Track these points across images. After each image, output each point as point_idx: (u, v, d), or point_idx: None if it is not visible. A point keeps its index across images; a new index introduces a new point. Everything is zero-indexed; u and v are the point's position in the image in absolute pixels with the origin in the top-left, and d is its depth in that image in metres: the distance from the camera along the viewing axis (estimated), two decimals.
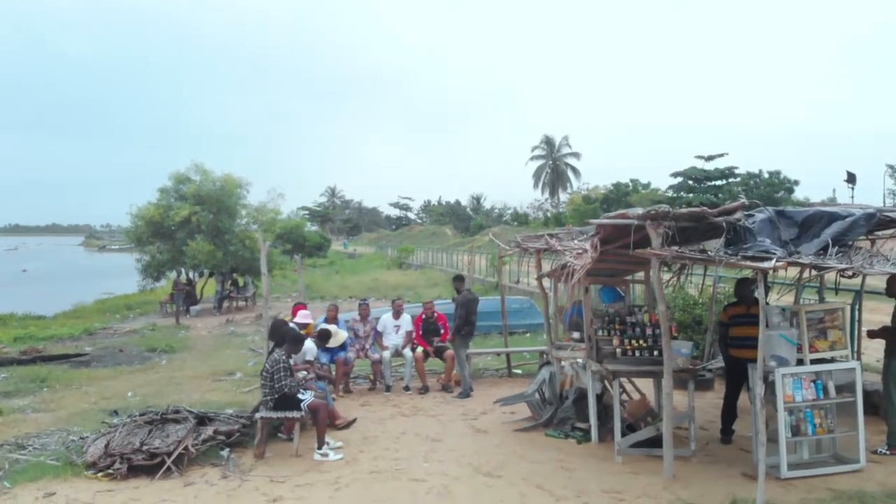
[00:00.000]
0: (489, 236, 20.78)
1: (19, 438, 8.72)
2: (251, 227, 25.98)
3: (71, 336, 19.96)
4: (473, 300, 10.83)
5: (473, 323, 10.77)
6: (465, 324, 10.66)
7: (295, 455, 7.87)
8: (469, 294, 10.91)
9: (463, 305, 10.65)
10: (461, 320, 10.62)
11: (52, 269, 60.88)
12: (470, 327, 10.73)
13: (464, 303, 10.66)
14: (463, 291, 10.91)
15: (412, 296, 27.16)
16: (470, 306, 10.68)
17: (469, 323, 10.68)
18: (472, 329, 10.80)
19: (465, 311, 10.60)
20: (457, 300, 10.88)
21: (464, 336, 10.64)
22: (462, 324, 10.62)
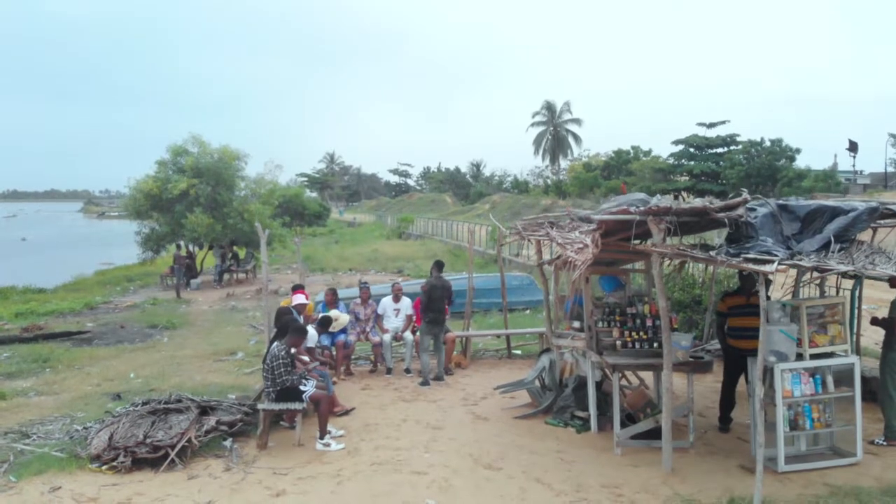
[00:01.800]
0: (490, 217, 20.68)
1: (23, 425, 8.79)
2: (250, 199, 25.85)
3: (72, 311, 20.00)
4: (437, 286, 10.61)
5: (435, 310, 10.53)
6: (426, 310, 10.58)
7: (297, 445, 7.94)
8: (435, 280, 10.73)
9: (425, 291, 10.61)
10: (422, 306, 10.62)
11: (52, 236, 60.78)
12: (432, 314, 10.53)
13: (426, 289, 10.61)
14: (432, 277, 10.83)
15: (412, 268, 27.23)
16: (433, 293, 10.51)
17: (429, 310, 10.52)
18: (433, 316, 10.54)
19: (427, 298, 10.55)
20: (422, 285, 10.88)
21: (428, 322, 10.54)
22: (423, 310, 10.61)
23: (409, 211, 79.79)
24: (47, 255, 41.69)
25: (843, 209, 6.83)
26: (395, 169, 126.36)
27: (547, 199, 60.96)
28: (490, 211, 64.34)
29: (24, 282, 25.40)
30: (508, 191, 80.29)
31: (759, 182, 48.84)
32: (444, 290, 10.67)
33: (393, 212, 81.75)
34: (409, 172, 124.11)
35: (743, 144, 52.40)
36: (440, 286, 10.63)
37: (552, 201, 59.37)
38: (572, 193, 61.40)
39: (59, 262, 36.47)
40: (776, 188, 47.29)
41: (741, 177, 48.66)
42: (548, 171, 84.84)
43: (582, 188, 61.48)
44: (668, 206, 6.71)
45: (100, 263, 34.93)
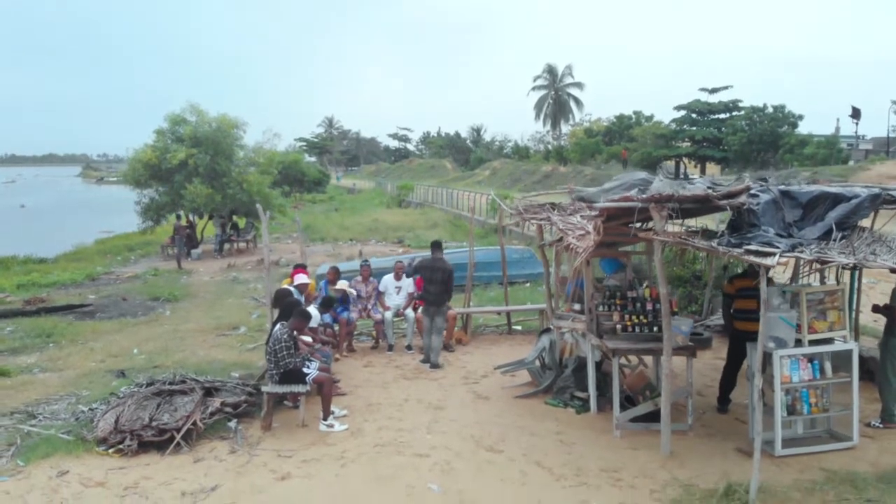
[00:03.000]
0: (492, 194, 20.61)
1: (29, 405, 8.90)
2: (249, 168, 25.75)
3: (73, 282, 20.07)
4: (437, 269, 10.35)
5: (432, 292, 10.34)
6: (423, 291, 10.52)
7: (301, 425, 8.03)
8: (434, 262, 10.46)
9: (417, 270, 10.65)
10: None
11: (51, 203, 60.65)
12: (427, 295, 10.41)
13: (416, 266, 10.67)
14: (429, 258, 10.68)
15: (412, 238, 27.24)
16: (431, 275, 10.33)
17: (425, 290, 10.42)
18: (429, 298, 10.39)
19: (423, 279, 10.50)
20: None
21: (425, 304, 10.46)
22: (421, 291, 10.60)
23: (409, 177, 79.49)
24: (47, 223, 41.64)
25: (846, 196, 6.82)
26: (394, 133, 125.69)
27: (548, 166, 60.73)
28: (490, 177, 64.27)
29: (24, 251, 25.44)
30: (509, 156, 79.80)
31: (760, 149, 48.59)
32: (444, 273, 10.30)
33: (392, 178, 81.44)
34: (408, 137, 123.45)
35: (745, 110, 51.99)
36: (440, 268, 10.33)
37: (553, 168, 59.17)
38: (573, 160, 61.11)
39: (59, 230, 36.48)
40: (778, 155, 47.06)
41: (743, 143, 48.40)
42: (549, 136, 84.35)
43: (583, 154, 61.16)
44: (671, 193, 6.69)
45: (100, 232, 34.96)
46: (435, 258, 10.56)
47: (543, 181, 55.65)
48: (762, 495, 5.88)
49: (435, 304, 10.34)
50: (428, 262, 10.55)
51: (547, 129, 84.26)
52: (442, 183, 64.50)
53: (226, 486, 6.52)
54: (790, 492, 6.03)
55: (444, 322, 10.56)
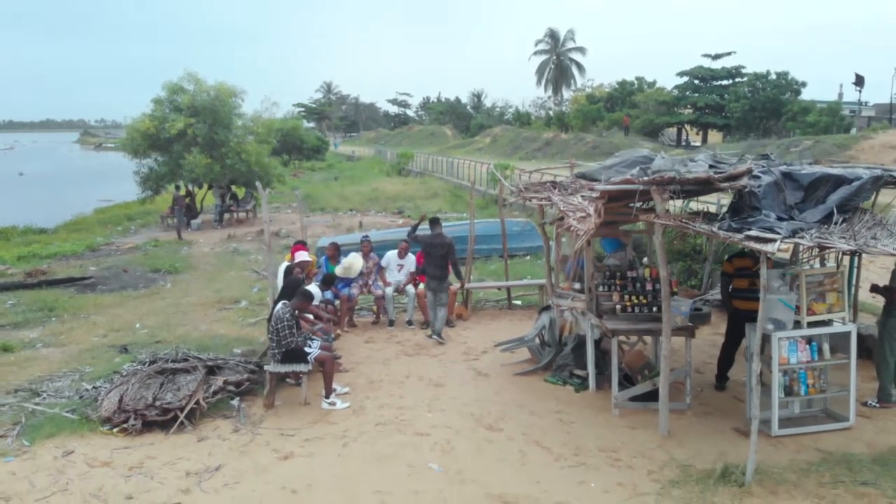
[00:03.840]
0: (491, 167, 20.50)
1: (32, 382, 8.97)
2: (247, 137, 25.58)
3: (74, 253, 20.09)
4: (437, 244, 10.40)
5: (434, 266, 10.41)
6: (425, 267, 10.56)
7: (303, 403, 8.11)
8: (434, 237, 10.52)
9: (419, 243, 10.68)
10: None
11: (50, 170, 60.39)
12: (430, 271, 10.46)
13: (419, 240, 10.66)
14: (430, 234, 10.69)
15: (412, 208, 27.18)
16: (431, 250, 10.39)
17: (428, 265, 10.48)
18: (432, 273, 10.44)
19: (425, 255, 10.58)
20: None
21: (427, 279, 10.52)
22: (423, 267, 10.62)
23: (409, 143, 79.01)
24: (46, 191, 41.56)
25: (847, 178, 6.80)
26: (393, 99, 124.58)
27: (549, 133, 60.27)
28: (491, 145, 63.82)
29: (24, 221, 25.45)
30: (510, 123, 79.15)
31: (763, 116, 48.23)
32: (444, 248, 10.37)
33: (392, 144, 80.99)
34: (408, 103, 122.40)
35: (748, 77, 51.47)
36: (439, 244, 10.38)
37: (554, 135, 58.74)
38: (575, 126, 60.64)
39: (58, 199, 36.45)
40: (780, 122, 46.73)
41: (745, 111, 48.01)
42: (550, 102, 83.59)
43: (585, 121, 60.64)
44: (672, 175, 6.66)
45: (99, 200, 34.95)
46: (434, 234, 10.60)
47: (544, 148, 55.35)
48: (758, 476, 5.96)
49: (437, 279, 10.42)
50: (428, 239, 10.57)
51: (548, 95, 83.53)
52: (442, 150, 64.13)
53: (229, 466, 6.61)
54: (786, 473, 6.11)
55: (446, 297, 10.64)
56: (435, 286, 10.45)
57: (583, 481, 6.22)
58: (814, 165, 7.59)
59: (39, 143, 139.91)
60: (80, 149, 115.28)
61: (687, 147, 53.65)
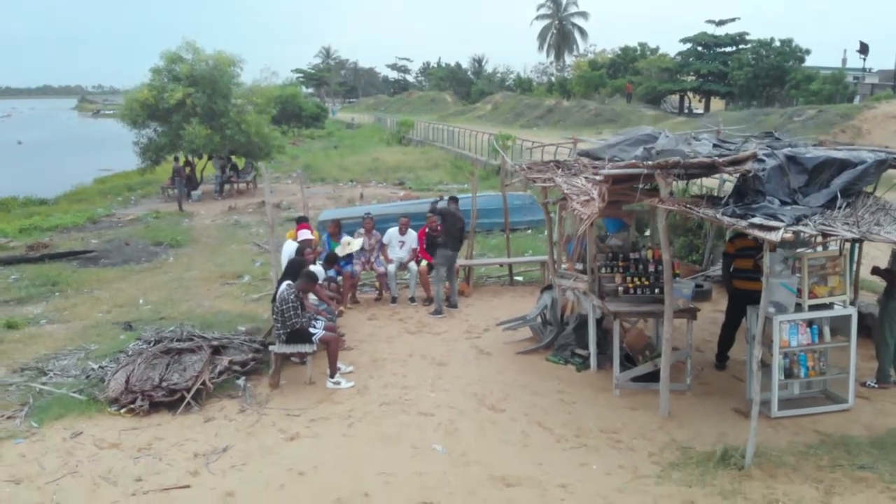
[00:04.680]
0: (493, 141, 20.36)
1: (39, 360, 9.05)
2: (247, 107, 25.39)
3: (75, 225, 20.10)
4: (451, 215, 10.79)
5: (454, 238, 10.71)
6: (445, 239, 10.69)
7: (308, 383, 8.19)
8: (449, 210, 10.91)
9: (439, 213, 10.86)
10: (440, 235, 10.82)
11: (48, 138, 60.01)
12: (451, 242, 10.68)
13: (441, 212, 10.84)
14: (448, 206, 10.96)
15: (413, 179, 27.12)
16: (446, 218, 10.71)
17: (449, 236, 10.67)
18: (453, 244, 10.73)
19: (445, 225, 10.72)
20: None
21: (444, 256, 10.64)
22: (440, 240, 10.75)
23: (409, 110, 78.33)
24: (45, 160, 41.38)
25: (851, 161, 6.77)
26: (393, 64, 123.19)
27: (551, 99, 59.79)
28: (492, 112, 63.29)
29: (24, 191, 25.38)
30: (511, 89, 78.41)
31: (767, 84, 47.74)
32: (462, 223, 10.94)
33: (392, 111, 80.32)
34: (407, 68, 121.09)
35: (752, 44, 50.83)
36: (459, 219, 10.85)
37: (556, 101, 58.28)
38: (577, 93, 60.13)
39: (58, 168, 36.31)
40: (784, 90, 46.31)
41: (749, 78, 47.49)
42: (552, 67, 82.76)
43: (587, 88, 60.12)
44: (677, 159, 6.65)
45: (98, 170, 34.81)
46: (455, 209, 11.03)
47: (546, 116, 54.94)
48: (757, 459, 6.05)
49: (455, 251, 10.85)
50: (450, 211, 10.92)
51: (550, 61, 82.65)
52: (442, 118, 63.64)
53: (236, 447, 6.70)
54: (784, 456, 6.21)
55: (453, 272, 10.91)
56: (451, 257, 10.75)
57: (584, 463, 6.31)
58: (818, 147, 7.55)
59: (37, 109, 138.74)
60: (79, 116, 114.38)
61: (689, 115, 53.25)
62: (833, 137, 26.90)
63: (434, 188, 24.57)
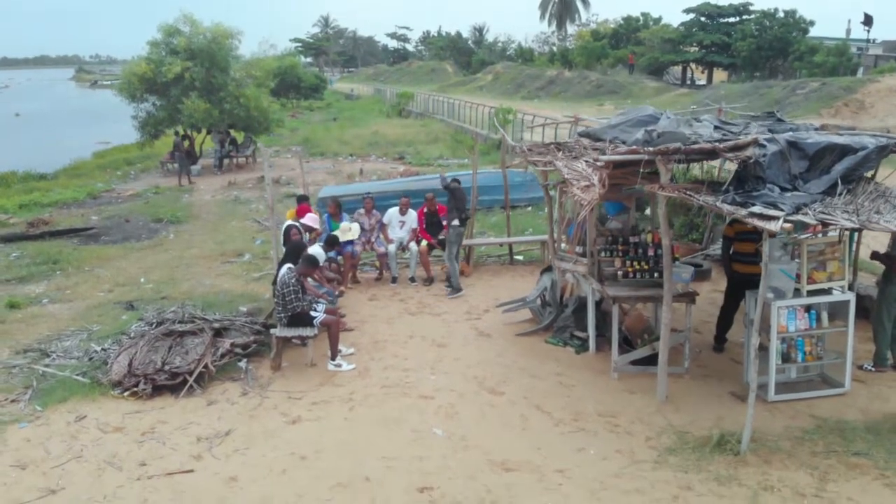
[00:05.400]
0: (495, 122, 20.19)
1: (41, 342, 9.11)
2: (246, 81, 25.18)
3: (75, 201, 20.11)
4: (460, 190, 10.80)
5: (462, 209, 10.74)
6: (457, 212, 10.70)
7: (310, 365, 8.26)
8: (456, 183, 10.89)
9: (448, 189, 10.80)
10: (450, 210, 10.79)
11: (46, 110, 59.62)
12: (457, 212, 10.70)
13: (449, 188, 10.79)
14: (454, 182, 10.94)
15: (413, 153, 26.99)
16: (454, 192, 10.70)
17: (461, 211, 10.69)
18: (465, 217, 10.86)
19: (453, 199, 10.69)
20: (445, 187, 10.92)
21: (457, 231, 10.69)
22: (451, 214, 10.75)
23: (409, 80, 77.66)
24: (43, 133, 41.15)
25: (853, 147, 6.76)
26: (392, 33, 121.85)
27: (552, 70, 59.29)
28: (493, 82, 62.77)
29: (23, 165, 25.32)
30: (512, 59, 77.67)
31: (770, 55, 47.35)
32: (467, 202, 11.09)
33: (391, 81, 79.62)
34: (407, 37, 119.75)
35: (756, 14, 50.31)
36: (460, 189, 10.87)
37: (558, 72, 57.82)
38: (579, 64, 59.62)
39: (56, 141, 36.16)
40: (787, 62, 45.91)
41: (752, 50, 47.10)
42: (554, 37, 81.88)
43: (589, 58, 59.62)
44: (678, 146, 6.63)
45: (97, 143, 34.71)
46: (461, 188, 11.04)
47: (548, 87, 54.55)
48: (753, 445, 6.12)
49: (465, 228, 10.99)
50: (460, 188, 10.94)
51: (552, 30, 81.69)
52: (442, 88, 63.13)
53: (239, 431, 6.79)
54: (780, 441, 6.28)
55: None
56: (463, 233, 10.89)
57: (582, 448, 6.39)
58: (820, 132, 7.52)
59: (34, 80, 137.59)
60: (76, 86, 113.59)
61: (692, 86, 52.88)
62: (835, 111, 26.80)
63: (434, 163, 24.45)
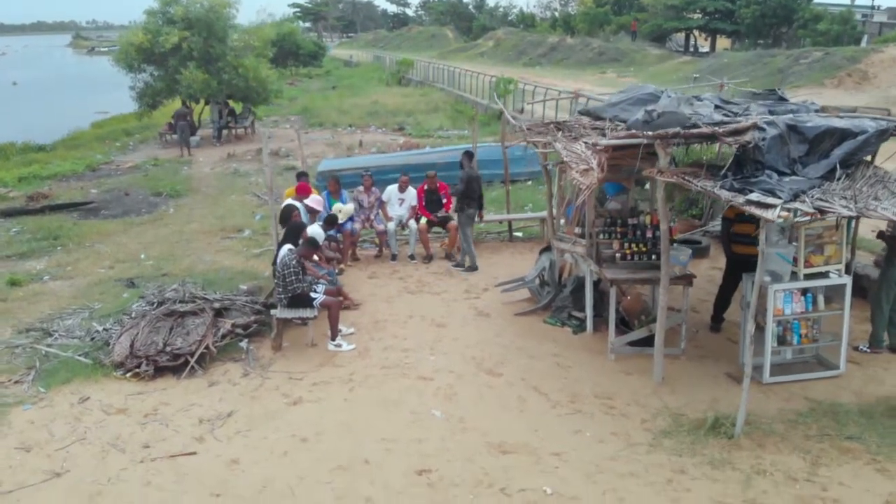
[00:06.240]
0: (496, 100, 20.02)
1: (43, 321, 9.17)
2: (244, 50, 24.91)
3: (74, 173, 20.06)
4: (476, 177, 10.79)
5: (475, 198, 10.76)
6: (465, 197, 10.68)
7: (310, 345, 8.33)
8: (472, 171, 10.84)
9: (463, 181, 10.67)
10: (459, 196, 10.71)
11: (43, 78, 59.09)
12: (470, 201, 10.71)
13: (465, 178, 10.67)
14: (467, 168, 10.84)
15: (412, 124, 26.82)
16: (471, 183, 10.67)
17: (469, 197, 10.67)
18: (474, 205, 10.79)
19: (465, 188, 10.63)
20: (460, 175, 10.83)
21: (468, 216, 10.71)
22: (461, 199, 10.70)
23: (408, 46, 76.82)
24: (41, 102, 40.85)
25: (852, 131, 6.73)
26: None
27: (554, 37, 58.59)
28: (493, 49, 62.05)
29: (21, 136, 25.20)
30: (513, 25, 76.72)
31: (774, 22, 46.68)
32: (479, 181, 11.06)
33: (391, 47, 78.80)
34: (407, 2, 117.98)
35: None
36: (476, 177, 10.90)
37: (560, 39, 57.17)
38: (581, 30, 58.89)
39: (54, 111, 35.94)
40: (791, 29, 45.35)
41: (756, 17, 46.42)
42: (556, 2, 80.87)
43: (591, 25, 58.85)
44: (677, 130, 6.61)
45: (95, 112, 34.46)
46: (472, 168, 11.04)
47: (549, 54, 53.95)
48: (747, 428, 6.21)
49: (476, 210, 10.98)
50: (475, 175, 10.97)
51: None
52: (442, 55, 62.48)
53: (241, 412, 6.88)
54: (774, 424, 6.37)
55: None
56: (471, 217, 10.85)
57: (578, 430, 6.48)
58: (820, 114, 7.47)
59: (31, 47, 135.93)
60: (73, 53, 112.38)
61: (695, 53, 52.30)
62: (839, 81, 26.57)
63: (434, 134, 24.33)
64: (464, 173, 10.74)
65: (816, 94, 25.03)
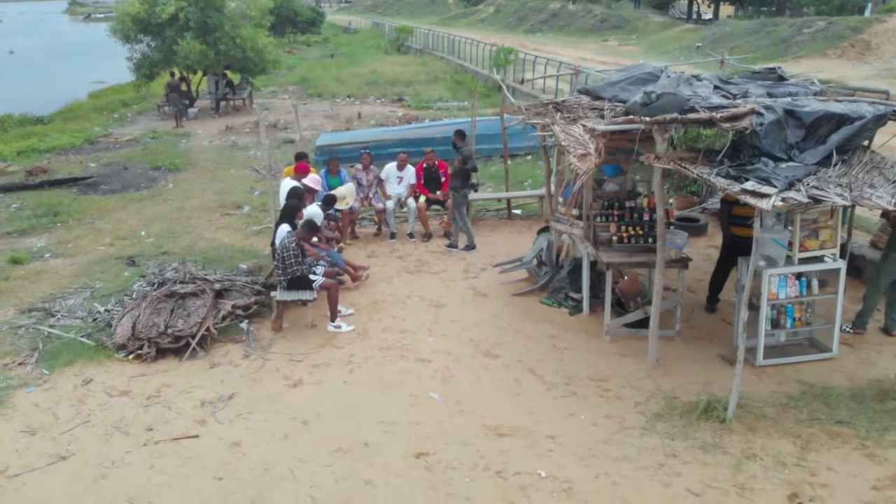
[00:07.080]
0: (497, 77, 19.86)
1: (45, 301, 9.26)
2: (242, 21, 24.65)
3: (73, 146, 20.02)
4: (469, 156, 10.73)
5: (469, 176, 10.76)
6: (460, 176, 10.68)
7: (310, 326, 8.42)
8: (466, 150, 10.79)
9: (470, 158, 10.70)
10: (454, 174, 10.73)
11: (40, 46, 58.43)
12: (465, 180, 10.71)
13: (469, 155, 10.69)
14: (461, 146, 10.79)
15: (412, 94, 26.67)
16: (466, 162, 10.65)
17: (465, 177, 10.69)
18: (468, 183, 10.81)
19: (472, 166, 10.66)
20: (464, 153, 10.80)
21: (463, 195, 10.72)
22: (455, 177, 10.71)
23: (408, 12, 75.89)
24: (39, 72, 40.47)
25: (850, 117, 6.74)
26: None
27: (556, 3, 57.86)
28: (494, 15, 61.35)
29: (19, 108, 25.04)
30: None
31: None
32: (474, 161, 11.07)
33: (391, 13, 77.85)
34: None
35: None
36: (470, 156, 10.82)
37: (561, 5, 56.54)
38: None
39: (51, 80, 35.64)
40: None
41: None
42: None
43: None
44: (675, 115, 6.61)
45: (92, 83, 34.21)
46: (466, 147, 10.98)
47: (551, 20, 53.41)
48: (739, 412, 6.32)
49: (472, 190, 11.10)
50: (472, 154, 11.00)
51: None
52: (442, 21, 61.85)
53: (242, 395, 6.99)
54: (766, 407, 6.48)
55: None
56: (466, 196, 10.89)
57: (573, 413, 6.59)
58: (818, 98, 7.45)
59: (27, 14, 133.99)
60: (69, 20, 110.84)
61: (698, 20, 51.73)
62: (841, 52, 26.35)
63: (433, 106, 24.20)
64: (466, 150, 10.73)
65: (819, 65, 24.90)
